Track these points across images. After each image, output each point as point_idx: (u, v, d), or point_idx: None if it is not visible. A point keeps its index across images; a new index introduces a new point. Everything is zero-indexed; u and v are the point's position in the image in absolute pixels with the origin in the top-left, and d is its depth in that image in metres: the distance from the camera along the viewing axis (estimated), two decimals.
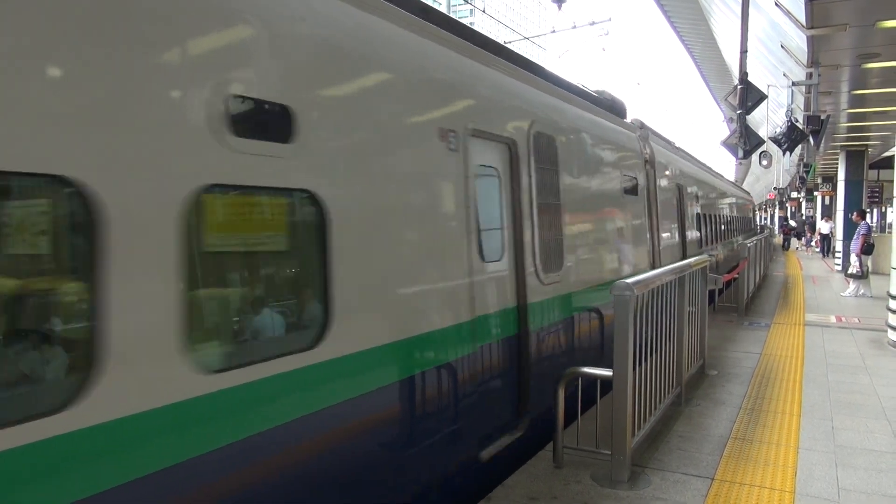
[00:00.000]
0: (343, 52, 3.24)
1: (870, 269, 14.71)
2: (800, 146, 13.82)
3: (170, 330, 2.31)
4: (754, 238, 17.32)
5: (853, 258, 14.44)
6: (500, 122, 4.73)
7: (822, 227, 28.84)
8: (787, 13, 8.79)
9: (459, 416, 4.01)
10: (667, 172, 9.95)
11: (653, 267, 8.32)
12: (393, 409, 3.45)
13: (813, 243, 32.72)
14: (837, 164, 22.50)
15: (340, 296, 3.03)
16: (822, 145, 15.60)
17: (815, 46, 9.32)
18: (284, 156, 2.82)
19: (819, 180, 30.64)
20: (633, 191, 7.88)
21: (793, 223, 42.35)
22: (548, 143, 5.43)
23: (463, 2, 21.36)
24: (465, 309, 4.06)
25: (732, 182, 27.73)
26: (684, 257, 9.67)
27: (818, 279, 18.34)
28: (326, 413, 2.98)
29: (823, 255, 27.25)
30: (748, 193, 34.24)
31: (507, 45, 5.81)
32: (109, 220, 2.13)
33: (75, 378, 2.10)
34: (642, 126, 9.20)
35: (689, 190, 11.89)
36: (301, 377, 2.84)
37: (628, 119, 8.99)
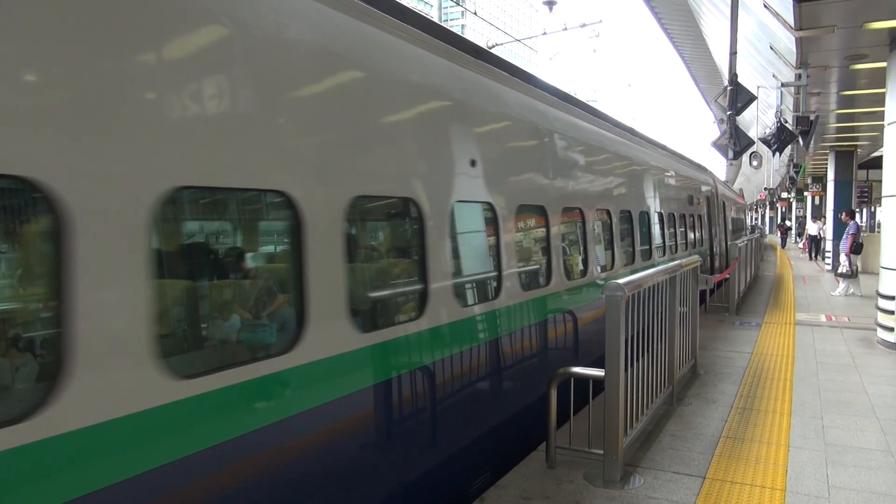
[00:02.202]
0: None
1: (859, 269, 14.82)
2: (789, 147, 13.91)
3: None
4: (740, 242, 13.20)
5: (842, 257, 14.54)
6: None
7: (810, 227, 27.39)
8: (776, 15, 8.86)
9: None
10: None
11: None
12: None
13: (801, 245, 32.35)
14: (827, 164, 22.66)
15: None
16: (811, 146, 15.72)
17: (804, 48, 9.39)
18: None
19: (809, 180, 30.82)
20: None
21: (788, 223, 42.93)
22: None
23: (454, 4, 21.37)
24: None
25: (666, 149, 12.69)
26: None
27: (808, 279, 18.46)
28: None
29: (811, 258, 25.86)
30: (706, 172, 16.96)
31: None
32: None
33: None
34: None
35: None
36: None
37: None
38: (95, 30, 2.25)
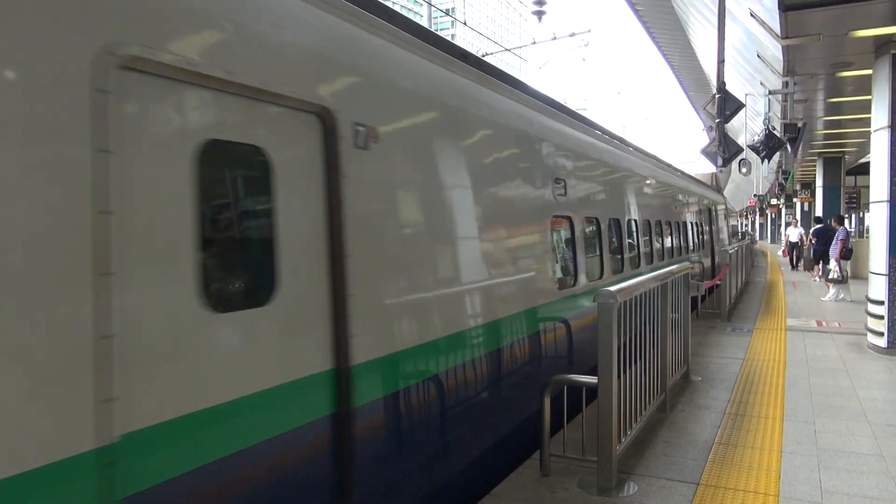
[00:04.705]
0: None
1: (849, 274, 14.93)
2: (778, 153, 14.04)
3: None
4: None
5: (832, 263, 14.65)
6: None
7: (791, 233, 25.38)
8: (763, 23, 8.96)
9: None
10: None
11: None
12: None
13: (780, 253, 30.32)
14: (815, 170, 22.85)
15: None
16: (799, 152, 15.87)
17: (790, 56, 9.50)
18: None
19: (798, 187, 31.04)
20: None
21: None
22: None
23: (444, 14, 21.50)
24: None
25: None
26: None
27: (798, 284, 18.57)
28: None
29: (793, 267, 23.77)
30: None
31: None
32: None
33: None
34: None
35: None
36: None
37: None
38: None
